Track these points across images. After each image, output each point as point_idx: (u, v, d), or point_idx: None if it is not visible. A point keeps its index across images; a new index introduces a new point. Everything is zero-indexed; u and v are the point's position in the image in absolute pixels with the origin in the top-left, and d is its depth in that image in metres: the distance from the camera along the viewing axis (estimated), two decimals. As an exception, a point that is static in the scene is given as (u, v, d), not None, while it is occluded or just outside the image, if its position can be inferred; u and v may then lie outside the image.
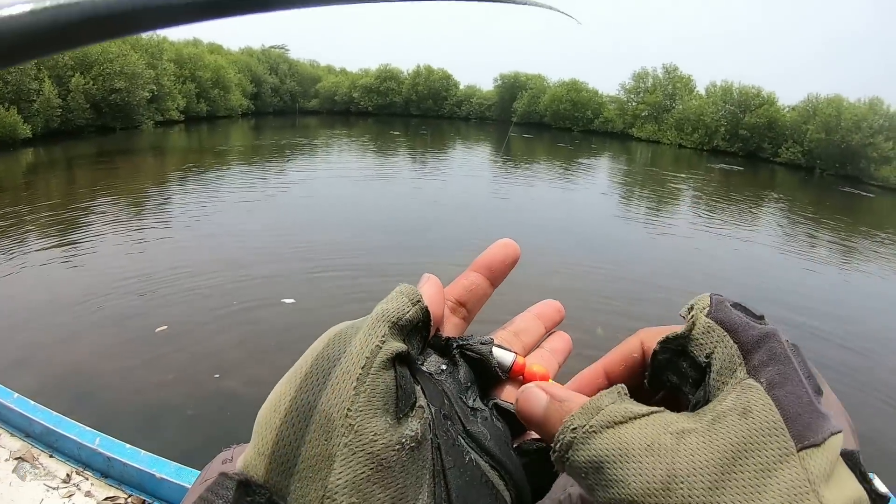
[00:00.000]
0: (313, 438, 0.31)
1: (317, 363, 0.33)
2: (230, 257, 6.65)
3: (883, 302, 7.61)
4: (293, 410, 0.31)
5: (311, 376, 0.32)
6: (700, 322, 0.37)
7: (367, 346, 0.33)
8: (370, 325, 0.34)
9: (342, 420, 0.31)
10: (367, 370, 0.32)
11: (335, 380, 0.32)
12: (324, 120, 38.12)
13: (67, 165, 13.17)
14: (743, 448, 0.31)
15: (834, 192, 22.93)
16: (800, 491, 0.29)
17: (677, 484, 0.30)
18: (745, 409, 0.32)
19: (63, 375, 3.94)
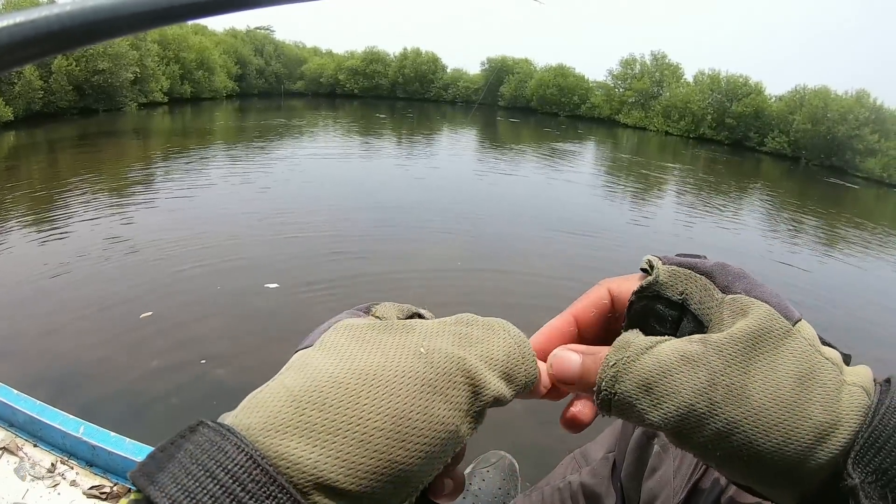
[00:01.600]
0: (384, 490, 0.31)
1: (431, 420, 0.33)
2: (214, 241, 6.59)
3: (866, 291, 7.72)
4: (385, 460, 0.31)
5: (421, 433, 0.32)
6: (663, 269, 0.43)
7: (469, 432, 0.35)
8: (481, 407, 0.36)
9: (413, 488, 0.33)
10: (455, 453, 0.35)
11: (437, 454, 0.33)
12: (309, 102, 37.85)
13: (50, 148, 12.98)
14: (755, 335, 0.37)
15: (819, 182, 23.16)
16: (807, 351, 0.37)
17: (718, 377, 0.36)
18: (742, 311, 0.39)
19: (45, 363, 3.89)
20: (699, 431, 0.36)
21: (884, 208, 19.26)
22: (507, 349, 0.38)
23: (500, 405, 0.37)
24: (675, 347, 0.38)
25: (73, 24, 0.20)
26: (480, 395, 0.35)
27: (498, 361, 0.37)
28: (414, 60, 44.37)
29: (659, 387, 0.37)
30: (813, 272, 8.12)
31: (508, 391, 0.37)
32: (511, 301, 5.46)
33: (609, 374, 0.38)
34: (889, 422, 0.34)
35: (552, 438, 3.38)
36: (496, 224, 8.48)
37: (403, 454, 0.31)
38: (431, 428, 0.32)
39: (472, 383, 0.34)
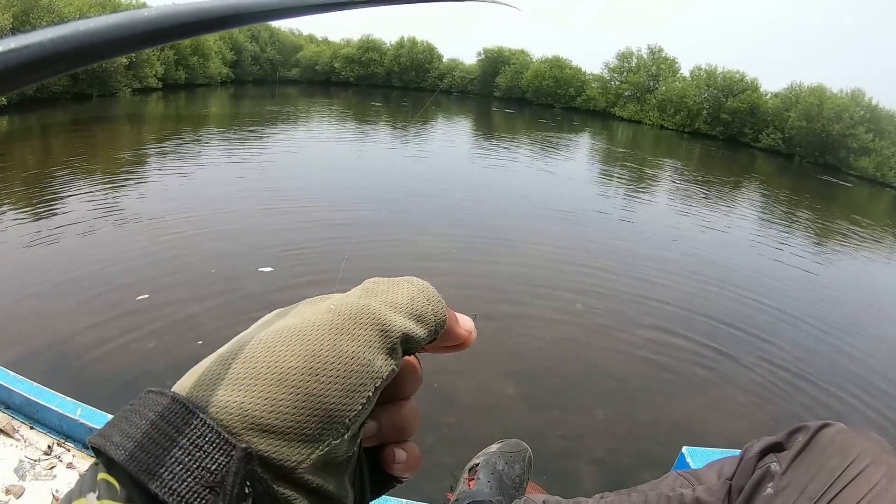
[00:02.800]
0: (309, 426, 0.33)
1: (342, 356, 0.35)
2: (208, 226, 6.59)
3: (855, 291, 7.79)
4: (302, 394, 0.33)
5: (334, 367, 0.35)
6: None
7: (388, 366, 0.37)
8: (397, 340, 0.37)
9: (341, 425, 0.34)
10: (377, 389, 0.36)
11: (354, 386, 0.35)
12: (304, 90, 37.61)
13: (43, 133, 12.86)
14: None
15: (813, 179, 23.26)
16: None
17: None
18: None
19: (41, 345, 3.87)
20: None
21: (876, 207, 19.38)
22: (411, 293, 0.40)
23: (415, 344, 0.39)
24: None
25: (68, 48, 0.20)
26: (388, 332, 0.37)
27: (402, 304, 0.39)
28: (410, 49, 44.19)
29: None
30: (804, 268, 8.17)
31: (419, 329, 0.39)
32: (505, 287, 5.49)
33: None
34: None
35: (542, 422, 3.41)
36: (490, 213, 8.49)
37: (318, 386, 0.33)
38: (341, 361, 0.34)
39: (376, 322, 0.37)
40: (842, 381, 4.82)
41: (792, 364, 4.86)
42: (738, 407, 4.05)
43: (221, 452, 0.30)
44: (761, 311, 5.99)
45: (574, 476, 3.11)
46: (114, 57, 0.23)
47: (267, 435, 0.32)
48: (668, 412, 3.85)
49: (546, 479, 2.75)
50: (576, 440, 3.25)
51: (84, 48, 0.21)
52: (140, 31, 0.23)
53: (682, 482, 1.16)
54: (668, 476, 1.22)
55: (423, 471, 1.82)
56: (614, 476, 3.04)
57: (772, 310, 6.09)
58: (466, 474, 1.63)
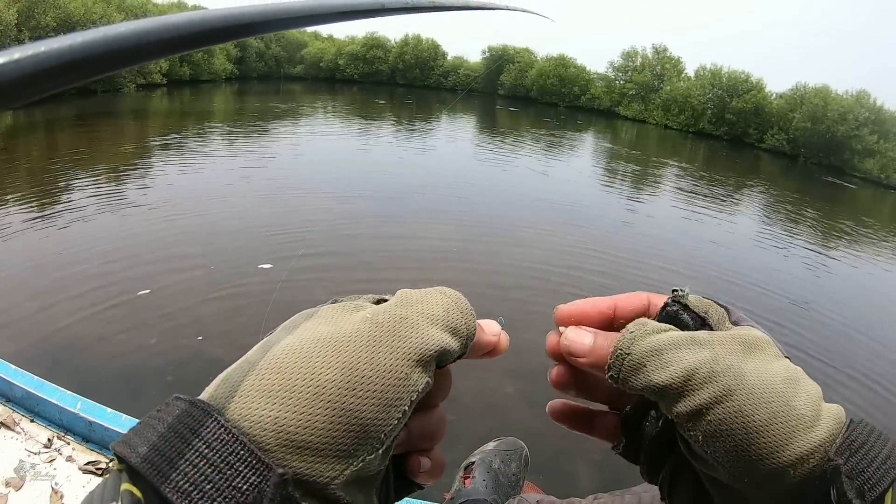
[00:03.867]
0: (345, 441, 0.33)
1: (380, 370, 0.35)
2: (210, 221, 6.63)
3: (862, 291, 7.77)
4: (339, 409, 0.33)
5: (372, 381, 0.34)
6: (691, 295, 0.48)
7: (423, 380, 0.37)
8: (433, 355, 0.37)
9: (376, 441, 0.34)
10: (412, 404, 0.36)
11: (391, 400, 0.34)
12: (308, 86, 37.63)
13: (48, 128, 12.86)
14: (756, 343, 0.43)
15: (817, 181, 23.20)
16: (797, 370, 0.42)
17: (720, 356, 0.41)
18: (746, 333, 0.44)
19: (43, 339, 3.90)
20: (696, 394, 0.40)
21: (881, 209, 19.31)
22: (446, 305, 0.40)
23: (449, 357, 0.39)
24: (686, 332, 0.43)
25: (96, 53, 0.20)
26: (426, 346, 0.37)
27: (438, 316, 0.39)
28: (415, 47, 44.14)
29: (667, 353, 0.41)
30: (806, 270, 8.16)
31: (454, 342, 0.39)
32: (506, 283, 5.49)
33: (627, 338, 0.43)
34: (861, 432, 0.39)
35: (540, 421, 3.41)
36: (492, 210, 8.48)
37: (356, 401, 0.33)
38: (380, 376, 0.34)
39: (415, 336, 0.37)
40: (843, 377, 4.83)
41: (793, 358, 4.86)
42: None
43: (254, 472, 0.30)
44: (759, 311, 5.99)
45: (571, 476, 3.11)
46: (143, 62, 0.24)
47: (301, 452, 0.31)
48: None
49: (543, 478, 2.75)
50: (574, 440, 3.22)
51: (118, 53, 0.21)
52: (171, 36, 0.23)
53: None
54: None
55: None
56: (611, 476, 3.03)
57: (771, 306, 6.09)
58: (462, 472, 1.63)
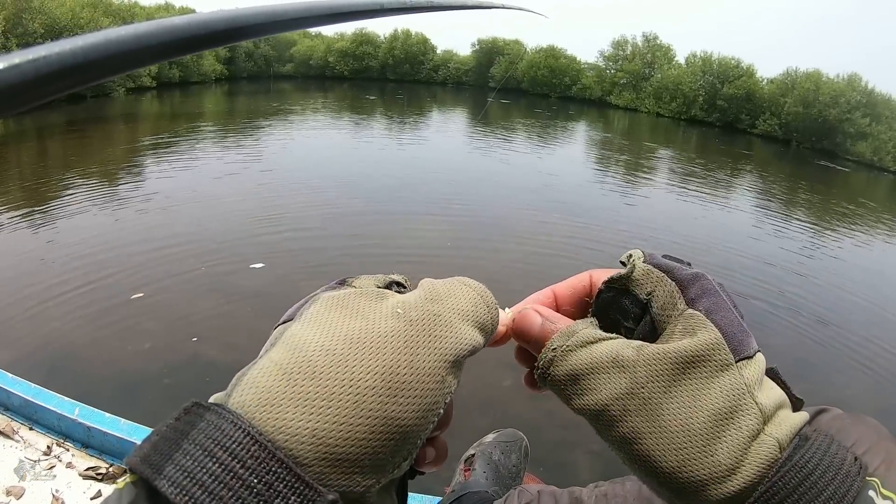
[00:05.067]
0: (385, 450, 0.31)
1: (419, 374, 0.33)
2: (201, 223, 6.63)
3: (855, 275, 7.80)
4: (380, 418, 0.31)
5: (412, 387, 0.33)
6: (639, 266, 0.45)
7: (455, 383, 0.36)
8: (463, 356, 0.37)
9: (412, 446, 0.33)
10: (445, 407, 0.35)
11: (429, 406, 0.33)
12: (299, 85, 37.50)
13: (38, 135, 12.78)
14: (692, 359, 0.38)
15: (810, 165, 23.26)
16: (738, 392, 0.37)
17: (639, 388, 0.38)
18: (692, 330, 0.39)
19: (38, 347, 3.89)
20: (609, 431, 0.39)
21: (874, 192, 19.36)
22: (474, 300, 0.40)
23: (474, 353, 0.39)
24: (611, 349, 0.40)
25: (93, 58, 0.19)
26: (460, 345, 0.36)
27: (468, 312, 0.38)
28: (404, 42, 44.02)
29: (584, 381, 0.39)
30: (799, 253, 8.18)
31: (482, 339, 0.39)
32: (499, 277, 5.49)
33: (548, 356, 0.42)
34: (791, 480, 0.34)
35: (539, 413, 3.42)
36: (486, 204, 8.48)
37: (397, 409, 0.31)
38: (420, 380, 0.33)
39: (450, 336, 0.36)
40: (841, 365, 4.85)
41: (790, 349, 4.88)
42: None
43: (296, 494, 0.28)
44: (755, 298, 6.00)
45: (571, 466, 3.13)
46: (142, 67, 0.23)
47: (341, 465, 0.30)
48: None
49: (543, 470, 2.76)
50: (573, 430, 3.26)
51: (118, 57, 0.21)
52: (175, 39, 0.23)
53: None
54: None
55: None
56: (611, 466, 3.04)
57: (768, 294, 6.11)
58: (462, 465, 1.64)
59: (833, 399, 4.23)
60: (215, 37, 0.25)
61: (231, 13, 0.26)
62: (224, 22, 0.25)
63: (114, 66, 0.20)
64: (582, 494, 1.30)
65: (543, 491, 1.40)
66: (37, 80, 0.17)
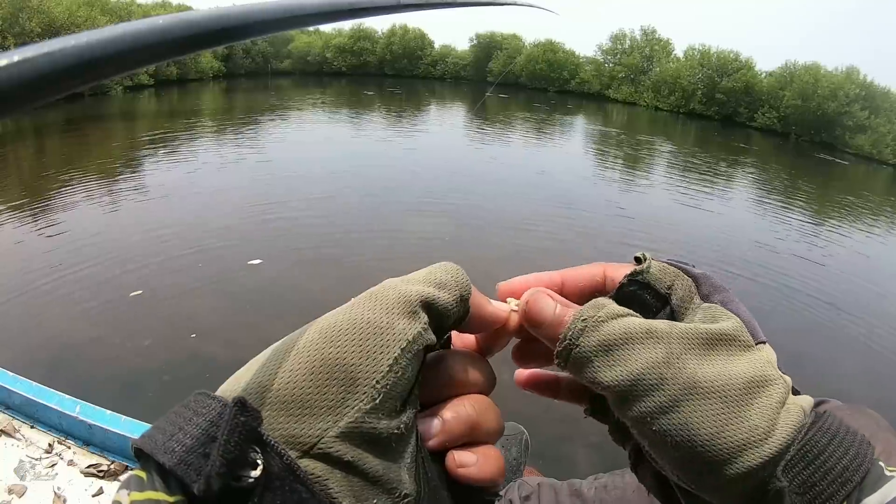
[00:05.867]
0: (330, 390, 0.32)
1: (357, 322, 0.34)
2: (201, 220, 6.63)
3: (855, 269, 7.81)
4: (318, 359, 0.33)
5: (349, 332, 0.34)
6: (656, 263, 0.45)
7: (413, 329, 0.35)
8: (417, 303, 0.36)
9: (367, 388, 0.33)
10: (405, 353, 0.34)
11: (374, 348, 0.34)
12: (297, 81, 37.38)
13: (36, 134, 12.76)
14: (721, 338, 0.40)
15: (809, 158, 23.24)
16: (764, 364, 0.40)
17: (674, 358, 0.38)
18: (713, 319, 0.41)
19: (38, 345, 3.89)
20: (642, 401, 0.38)
21: (873, 185, 19.36)
22: (428, 269, 0.40)
23: (444, 310, 0.38)
24: (644, 321, 0.40)
25: (103, 55, 0.19)
26: (405, 296, 0.36)
27: (418, 277, 0.38)
28: (402, 37, 43.89)
29: (618, 350, 0.39)
30: (800, 248, 8.19)
31: (443, 294, 0.38)
32: (498, 272, 5.48)
33: (578, 325, 0.40)
34: (820, 441, 0.37)
35: (537, 407, 3.43)
36: (485, 199, 8.47)
37: (334, 350, 0.33)
38: (356, 327, 0.34)
39: (393, 292, 0.36)
40: (841, 357, 4.86)
41: (790, 342, 4.89)
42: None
43: (212, 410, 0.30)
44: (754, 291, 6.01)
45: (570, 459, 3.14)
46: (148, 66, 0.22)
47: (286, 406, 0.31)
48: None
49: (542, 463, 2.77)
50: (571, 423, 3.27)
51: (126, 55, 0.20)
52: (189, 34, 0.23)
53: None
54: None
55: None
56: (610, 458, 3.06)
57: (767, 288, 6.12)
58: (462, 459, 1.65)
59: (832, 389, 4.25)
60: (225, 34, 0.25)
61: (243, 9, 0.26)
62: (237, 18, 0.25)
63: (125, 64, 0.20)
64: (582, 487, 1.31)
65: (543, 483, 1.41)
66: (44, 77, 0.17)
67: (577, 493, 1.29)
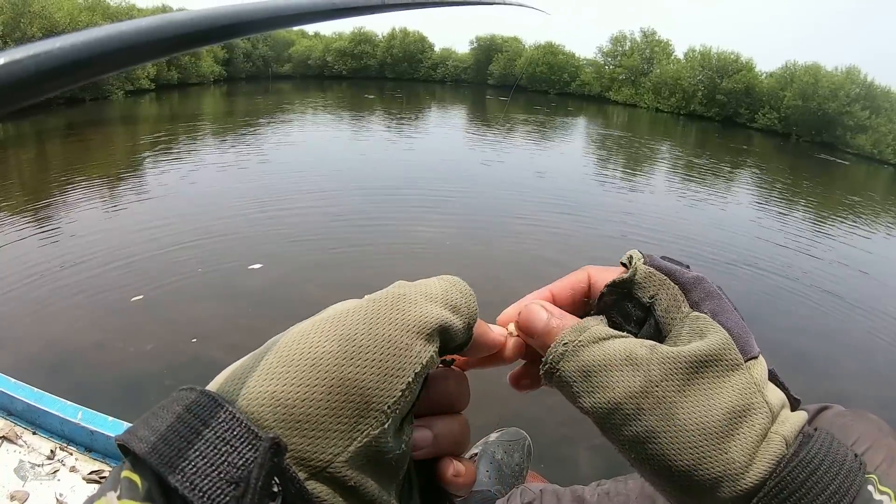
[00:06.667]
0: (345, 413, 0.32)
1: (378, 340, 0.34)
2: (202, 224, 6.62)
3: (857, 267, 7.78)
4: (336, 378, 0.32)
5: (370, 351, 0.33)
6: (641, 269, 0.44)
7: (428, 353, 0.35)
8: (435, 327, 0.36)
9: (379, 413, 0.32)
10: (418, 377, 0.35)
11: (392, 370, 0.33)
12: (297, 85, 37.44)
13: (37, 139, 12.78)
14: (704, 360, 0.38)
15: (810, 158, 23.22)
16: (750, 391, 0.38)
17: (653, 387, 0.38)
18: (700, 332, 0.40)
19: (39, 351, 3.89)
20: (621, 430, 0.38)
21: (875, 184, 19.34)
22: (444, 286, 0.39)
23: (454, 335, 0.38)
24: (625, 346, 0.40)
25: (100, 52, 0.20)
26: (426, 318, 0.36)
27: (436, 295, 0.38)
28: (402, 40, 43.96)
29: (596, 377, 0.39)
30: (800, 245, 8.17)
31: (456, 319, 0.38)
32: (500, 276, 5.49)
33: (559, 350, 0.41)
34: (798, 475, 0.36)
35: (540, 410, 3.43)
36: (486, 202, 8.47)
37: (354, 370, 0.32)
38: (378, 345, 0.33)
39: (414, 309, 0.36)
40: (842, 360, 4.85)
41: (791, 344, 4.88)
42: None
43: (249, 447, 0.29)
44: (754, 291, 6.00)
45: (573, 462, 3.13)
46: (143, 63, 0.23)
47: (301, 426, 0.31)
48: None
49: (544, 466, 2.77)
50: (574, 426, 3.26)
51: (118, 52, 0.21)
52: (177, 34, 0.23)
53: None
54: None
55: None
56: (612, 462, 3.04)
57: (765, 289, 6.11)
58: (465, 464, 1.64)
59: (836, 389, 4.24)
60: (216, 33, 0.25)
61: (233, 9, 0.26)
62: (226, 18, 0.26)
63: (116, 62, 0.20)
64: (584, 493, 1.30)
65: (546, 489, 1.41)
66: (39, 74, 0.18)
67: (580, 500, 1.28)
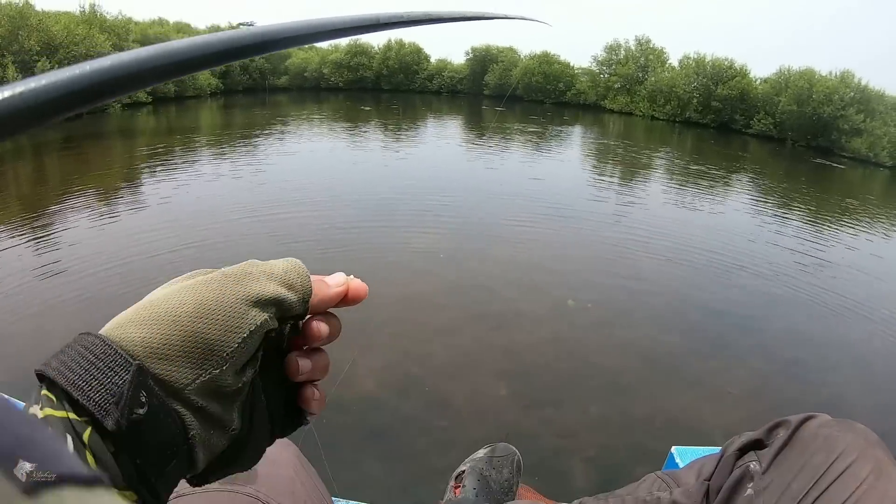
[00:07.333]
0: (195, 356, 0.42)
1: (223, 304, 0.44)
2: (200, 233, 6.67)
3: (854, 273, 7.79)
4: (189, 331, 0.42)
5: (216, 312, 0.44)
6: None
7: (261, 317, 0.45)
8: (269, 299, 0.46)
9: (219, 358, 0.43)
10: (252, 335, 0.45)
11: (231, 327, 0.44)
12: (294, 97, 37.47)
13: (35, 153, 12.80)
14: None
15: (806, 163, 23.26)
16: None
17: None
18: None
19: (38, 365, 3.87)
20: None
21: (872, 187, 19.38)
22: (286, 266, 0.49)
23: (289, 306, 0.48)
24: None
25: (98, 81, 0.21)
26: (262, 291, 0.46)
27: (277, 274, 0.48)
28: (398, 52, 44.10)
29: None
30: (799, 249, 8.19)
31: (291, 295, 0.48)
32: (494, 286, 5.50)
33: None
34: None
35: (535, 421, 3.42)
36: (481, 213, 8.48)
37: (203, 326, 0.43)
38: (221, 308, 0.44)
39: (255, 284, 0.46)
40: (839, 366, 4.84)
41: (787, 350, 4.88)
42: (732, 399, 4.05)
43: (124, 371, 0.39)
44: (751, 298, 6.01)
45: (567, 475, 3.11)
46: (146, 87, 0.25)
47: (161, 361, 0.41)
48: (661, 407, 3.86)
49: (538, 479, 2.76)
50: (569, 438, 3.26)
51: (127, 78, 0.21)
52: (171, 61, 0.24)
53: (660, 484, 1.14)
54: (647, 478, 1.20)
55: (416, 475, 1.86)
56: (607, 474, 3.04)
57: (762, 295, 6.12)
58: (453, 482, 1.64)
59: (830, 394, 4.24)
60: (217, 56, 0.27)
61: (232, 35, 0.31)
62: (224, 43, 0.29)
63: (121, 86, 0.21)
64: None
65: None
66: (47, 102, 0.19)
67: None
